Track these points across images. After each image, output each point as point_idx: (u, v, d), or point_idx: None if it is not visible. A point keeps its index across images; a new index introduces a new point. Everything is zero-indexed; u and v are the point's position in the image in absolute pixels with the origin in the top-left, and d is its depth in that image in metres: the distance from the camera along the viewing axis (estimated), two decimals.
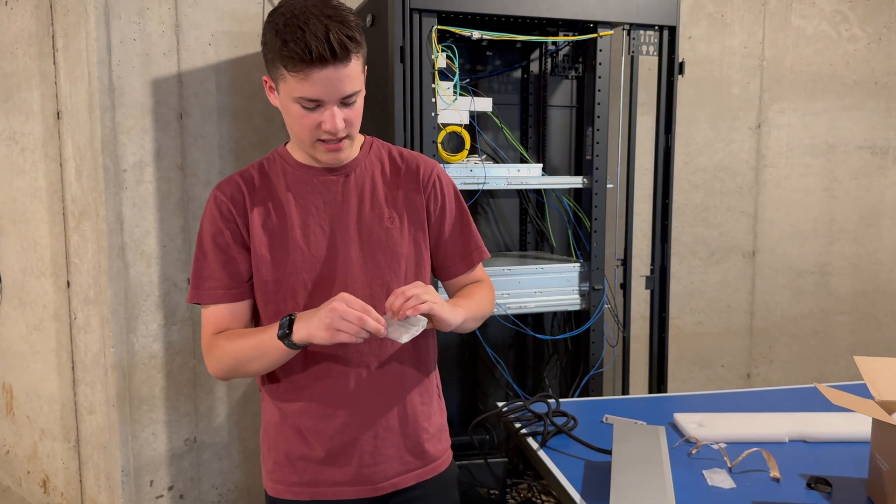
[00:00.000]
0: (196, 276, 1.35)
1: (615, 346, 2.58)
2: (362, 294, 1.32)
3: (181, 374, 2.62)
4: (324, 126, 1.25)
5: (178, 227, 2.56)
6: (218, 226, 1.33)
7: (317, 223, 1.34)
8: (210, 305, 1.35)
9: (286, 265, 1.33)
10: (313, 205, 1.35)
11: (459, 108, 2.27)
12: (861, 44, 3.27)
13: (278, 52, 1.19)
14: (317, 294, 1.33)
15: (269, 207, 1.34)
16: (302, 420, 1.37)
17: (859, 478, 1.39)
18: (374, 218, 1.37)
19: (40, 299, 2.73)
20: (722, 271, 3.26)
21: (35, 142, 2.64)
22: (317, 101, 1.22)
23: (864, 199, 3.37)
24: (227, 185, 1.36)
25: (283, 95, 1.25)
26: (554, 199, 2.69)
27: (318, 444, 1.36)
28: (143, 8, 2.44)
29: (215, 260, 1.33)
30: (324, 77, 1.19)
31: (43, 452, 2.84)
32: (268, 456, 1.42)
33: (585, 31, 2.37)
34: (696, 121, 3.15)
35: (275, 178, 1.37)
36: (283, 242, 1.33)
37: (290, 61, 1.18)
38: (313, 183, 1.36)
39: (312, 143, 1.28)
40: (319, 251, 1.34)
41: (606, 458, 1.49)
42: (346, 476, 1.37)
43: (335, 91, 1.21)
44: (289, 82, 1.21)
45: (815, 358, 3.42)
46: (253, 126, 2.65)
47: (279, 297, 1.34)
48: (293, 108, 1.24)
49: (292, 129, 1.30)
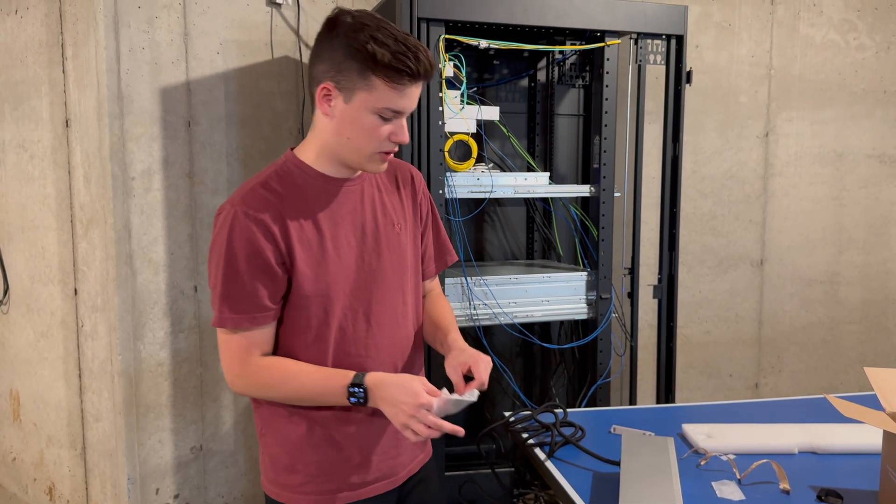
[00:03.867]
0: (231, 299, 1.27)
1: (622, 356, 2.57)
2: (385, 300, 1.39)
3: (188, 382, 2.62)
4: (394, 137, 1.29)
5: (185, 235, 2.56)
6: (255, 246, 1.26)
7: (343, 233, 1.35)
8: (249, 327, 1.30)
9: (324, 279, 1.32)
10: (339, 215, 1.35)
11: (467, 116, 2.27)
12: (869, 52, 3.26)
13: (384, 62, 1.21)
14: (351, 305, 1.35)
15: (301, 221, 1.31)
16: (335, 426, 1.37)
17: (871, 490, 1.37)
18: (386, 225, 1.41)
19: (48, 306, 2.74)
20: (730, 280, 3.25)
21: (44, 149, 2.66)
22: (398, 112, 1.27)
23: (874, 207, 3.35)
24: (255, 201, 1.28)
25: (359, 105, 1.25)
26: (561, 207, 2.69)
27: (353, 448, 1.39)
28: (152, 17, 2.45)
29: (253, 282, 1.27)
30: (412, 92, 1.27)
31: (49, 460, 2.84)
32: (294, 470, 1.38)
33: (593, 40, 2.37)
34: (704, 129, 3.14)
35: (298, 189, 1.33)
36: (321, 256, 1.32)
37: (395, 73, 1.22)
38: (335, 193, 1.36)
39: (372, 154, 1.30)
40: (350, 261, 1.35)
41: (615, 469, 1.48)
42: (376, 473, 1.42)
43: (412, 105, 1.29)
44: (377, 92, 1.23)
45: (823, 368, 3.40)
46: (261, 134, 2.65)
47: (319, 312, 1.33)
48: (367, 118, 1.26)
49: (354, 139, 1.29)
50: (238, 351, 1.31)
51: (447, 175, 2.23)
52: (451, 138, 2.30)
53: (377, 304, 1.39)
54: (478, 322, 2.31)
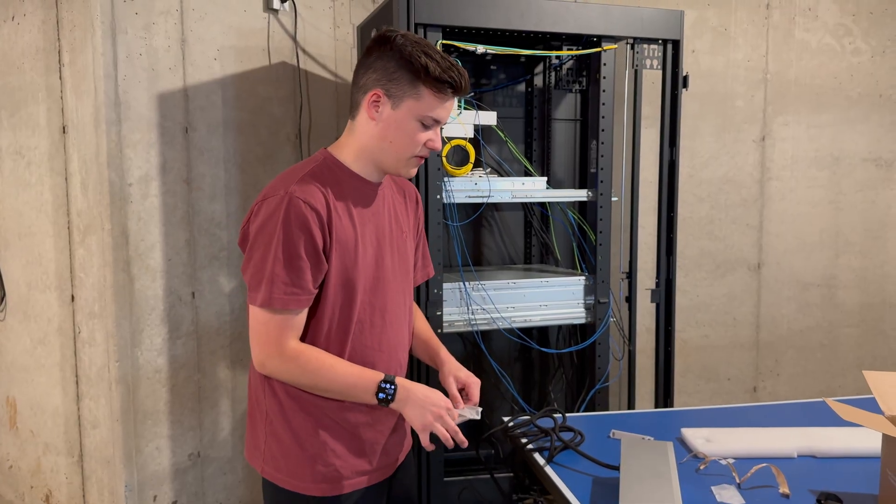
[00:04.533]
0: (284, 279, 1.34)
1: (621, 360, 2.57)
2: (395, 299, 1.50)
3: (185, 389, 2.61)
4: (431, 143, 1.42)
5: (183, 241, 2.56)
6: (309, 231, 1.34)
7: (369, 232, 1.46)
8: (295, 310, 1.37)
9: (353, 272, 1.42)
10: (366, 214, 1.46)
11: (464, 121, 2.28)
12: (865, 57, 3.27)
13: (435, 75, 1.35)
14: (370, 300, 1.45)
15: (342, 214, 1.41)
16: (350, 414, 1.45)
17: (870, 494, 1.38)
18: (397, 230, 1.54)
19: (45, 313, 2.73)
20: (727, 284, 3.25)
21: (41, 156, 2.65)
22: (437, 121, 1.41)
23: (870, 211, 3.36)
24: (310, 192, 1.37)
25: (406, 112, 1.38)
26: (559, 212, 2.69)
27: (365, 436, 1.47)
28: (150, 23, 2.46)
29: (304, 265, 1.35)
30: (451, 105, 1.42)
31: (46, 467, 2.83)
32: (305, 457, 1.44)
33: (589, 45, 2.38)
34: (701, 134, 3.15)
35: (338, 185, 1.43)
36: (352, 250, 1.41)
37: (443, 86, 1.36)
38: (366, 194, 1.47)
39: (409, 157, 1.43)
40: (371, 259, 1.46)
41: (614, 474, 1.48)
42: (377, 465, 1.50)
43: (448, 117, 1.44)
44: (424, 102, 1.38)
45: (821, 371, 3.40)
46: (259, 140, 2.65)
47: (346, 303, 1.43)
48: (411, 125, 1.39)
49: (396, 142, 1.41)
50: (277, 331, 1.37)
51: (445, 180, 2.24)
52: (448, 143, 2.30)
53: (390, 302, 1.50)
54: (476, 327, 2.31)
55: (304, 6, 2.70)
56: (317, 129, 2.77)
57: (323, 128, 2.79)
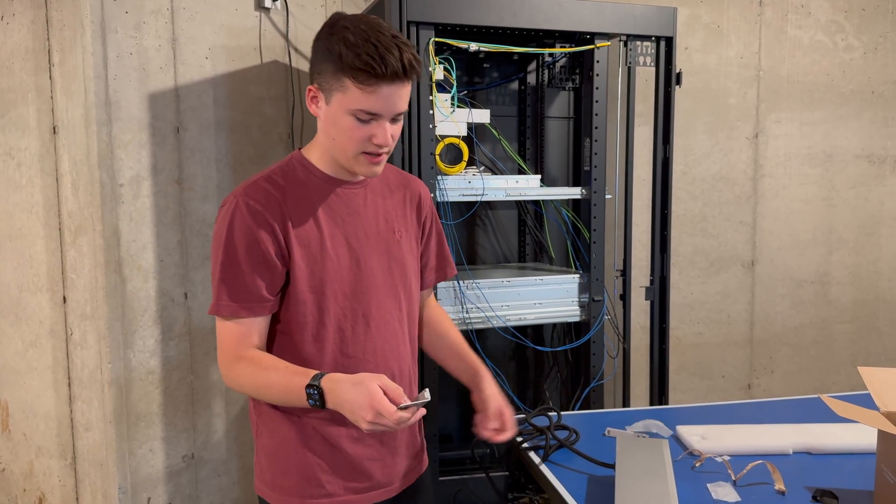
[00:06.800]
0: (228, 287, 1.29)
1: (615, 358, 2.57)
2: (381, 304, 1.39)
3: (179, 390, 2.60)
4: (375, 139, 1.28)
5: (175, 242, 2.54)
6: (254, 235, 1.28)
7: (342, 234, 1.36)
8: (242, 318, 1.31)
9: (320, 276, 1.33)
10: (339, 216, 1.37)
11: (457, 119, 2.27)
12: (857, 53, 3.28)
13: (349, 64, 1.21)
14: (347, 305, 1.36)
15: (303, 217, 1.33)
16: (332, 428, 1.36)
17: (866, 490, 1.37)
18: (387, 231, 1.42)
19: (36, 315, 2.71)
20: (721, 281, 3.25)
21: (31, 157, 2.63)
22: (374, 114, 1.26)
23: (863, 208, 3.37)
24: (257, 192, 1.31)
25: (337, 107, 1.27)
26: (552, 210, 2.68)
27: (349, 452, 1.38)
28: (140, 22, 2.44)
29: (251, 271, 1.29)
30: (388, 93, 1.24)
31: (39, 470, 2.81)
32: (288, 472, 1.37)
33: (582, 42, 2.37)
34: (694, 131, 3.15)
35: (302, 187, 1.36)
36: (318, 253, 1.33)
37: (363, 74, 1.21)
38: (338, 194, 1.38)
39: (356, 155, 1.31)
40: (346, 262, 1.36)
41: (610, 472, 1.47)
42: (371, 481, 1.41)
43: (393, 107, 1.27)
44: (350, 94, 1.24)
45: (815, 368, 3.41)
46: (251, 139, 2.64)
47: (314, 309, 1.34)
48: (345, 120, 1.27)
49: (338, 139, 1.31)
50: (231, 340, 1.31)
51: (438, 178, 2.23)
52: (441, 141, 2.29)
53: (376, 308, 1.39)
54: (470, 325, 2.30)
55: (295, 5, 2.69)
56: (309, 128, 2.76)
57: (315, 127, 2.76)
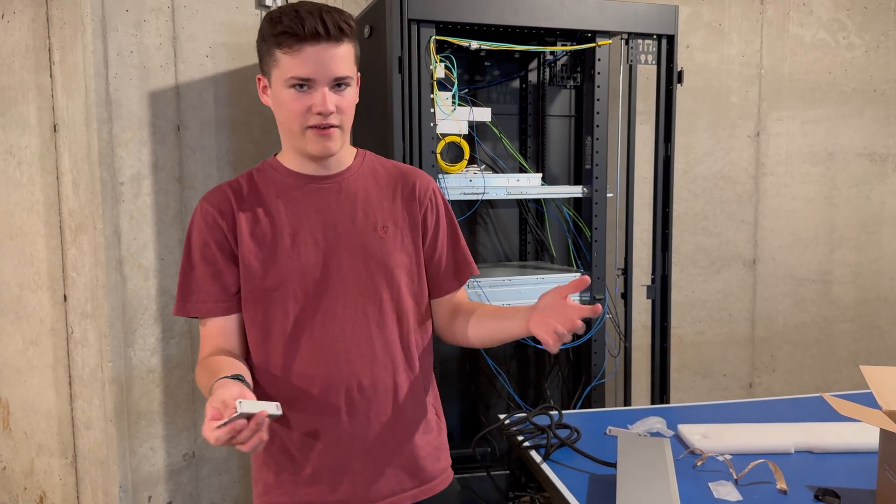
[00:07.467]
0: (183, 288, 1.33)
1: (617, 357, 2.56)
2: (353, 304, 1.32)
3: (179, 389, 2.59)
4: (314, 108, 1.24)
5: (175, 240, 2.54)
6: (205, 237, 1.31)
7: (308, 231, 1.32)
8: (203, 319, 1.33)
9: (276, 275, 1.31)
10: (304, 213, 1.33)
11: (458, 118, 2.26)
12: (859, 51, 3.27)
13: (271, 34, 1.23)
14: (308, 304, 1.31)
15: (259, 215, 1.32)
16: (289, 437, 1.33)
17: (868, 489, 1.37)
18: (367, 227, 1.34)
19: (37, 313, 2.71)
20: (723, 280, 3.25)
21: (32, 155, 2.63)
22: (308, 79, 1.23)
23: (865, 206, 3.36)
24: (213, 195, 1.34)
25: (276, 84, 1.26)
26: (554, 208, 2.68)
27: (306, 462, 1.32)
28: (140, 20, 2.43)
29: (203, 272, 1.31)
30: (315, 54, 1.22)
31: (40, 468, 2.81)
32: (258, 478, 1.39)
33: (584, 40, 2.37)
34: (695, 129, 3.14)
35: (264, 186, 1.35)
36: (273, 251, 1.31)
37: (284, 38, 1.21)
38: (305, 190, 1.34)
39: (303, 130, 1.27)
40: (310, 259, 1.31)
41: (611, 471, 1.47)
42: (340, 496, 1.33)
43: (327, 70, 1.23)
44: (282, 65, 1.24)
45: (817, 367, 3.40)
46: (251, 138, 2.64)
47: (270, 309, 1.31)
48: (285, 94, 1.25)
49: (285, 120, 1.30)
50: (201, 342, 1.33)
51: (439, 177, 2.22)
52: (442, 140, 2.29)
53: (343, 309, 1.32)
54: None
55: None
56: None
57: None
